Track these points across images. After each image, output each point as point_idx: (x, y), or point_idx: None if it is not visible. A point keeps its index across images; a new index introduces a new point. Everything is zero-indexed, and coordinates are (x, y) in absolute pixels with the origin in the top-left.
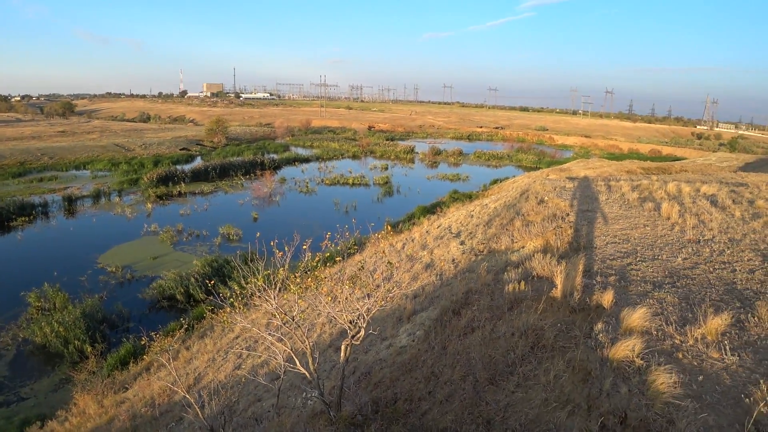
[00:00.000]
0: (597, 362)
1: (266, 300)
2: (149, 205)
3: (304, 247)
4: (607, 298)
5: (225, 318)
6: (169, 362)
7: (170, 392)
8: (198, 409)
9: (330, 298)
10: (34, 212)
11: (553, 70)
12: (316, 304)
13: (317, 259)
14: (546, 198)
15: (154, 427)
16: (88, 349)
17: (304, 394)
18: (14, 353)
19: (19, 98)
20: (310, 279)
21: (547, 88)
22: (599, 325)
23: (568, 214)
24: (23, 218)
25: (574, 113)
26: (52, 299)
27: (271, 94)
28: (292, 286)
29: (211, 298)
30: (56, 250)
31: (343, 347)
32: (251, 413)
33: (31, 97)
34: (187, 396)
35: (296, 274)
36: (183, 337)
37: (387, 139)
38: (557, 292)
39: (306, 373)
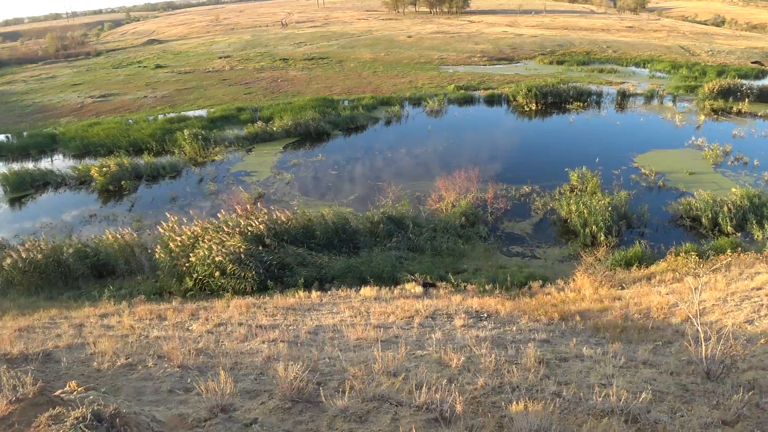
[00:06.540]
0: None
1: None
2: (701, 117)
3: None
4: None
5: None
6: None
7: (668, 312)
8: (703, 345)
9: None
10: (588, 100)
11: None
12: None
13: None
14: None
15: (642, 336)
16: (601, 238)
17: None
18: (540, 217)
19: None
20: None
21: None
22: None
23: None
24: (579, 103)
25: None
26: (587, 182)
27: None
28: None
29: (740, 235)
30: (599, 138)
31: None
32: (752, 377)
33: None
34: (698, 326)
35: None
36: (693, 264)
37: None
38: None
39: None
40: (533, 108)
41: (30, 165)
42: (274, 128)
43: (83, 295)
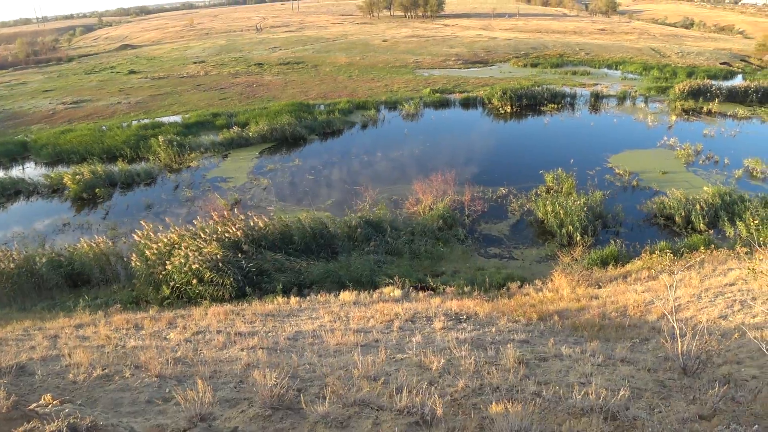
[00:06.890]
0: None
1: None
2: (673, 118)
3: None
4: None
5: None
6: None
7: (645, 310)
8: (679, 341)
9: None
10: (562, 102)
11: None
12: None
13: None
14: None
15: (620, 334)
16: (578, 238)
17: None
18: (517, 219)
19: None
20: None
21: None
22: None
23: None
24: (552, 105)
25: None
26: (562, 183)
27: None
28: None
29: (712, 232)
30: (574, 139)
31: None
32: (727, 371)
33: None
34: (674, 322)
35: None
36: (668, 261)
37: None
38: None
39: None
40: (508, 110)
41: (0, 173)
42: (250, 133)
43: (57, 305)
